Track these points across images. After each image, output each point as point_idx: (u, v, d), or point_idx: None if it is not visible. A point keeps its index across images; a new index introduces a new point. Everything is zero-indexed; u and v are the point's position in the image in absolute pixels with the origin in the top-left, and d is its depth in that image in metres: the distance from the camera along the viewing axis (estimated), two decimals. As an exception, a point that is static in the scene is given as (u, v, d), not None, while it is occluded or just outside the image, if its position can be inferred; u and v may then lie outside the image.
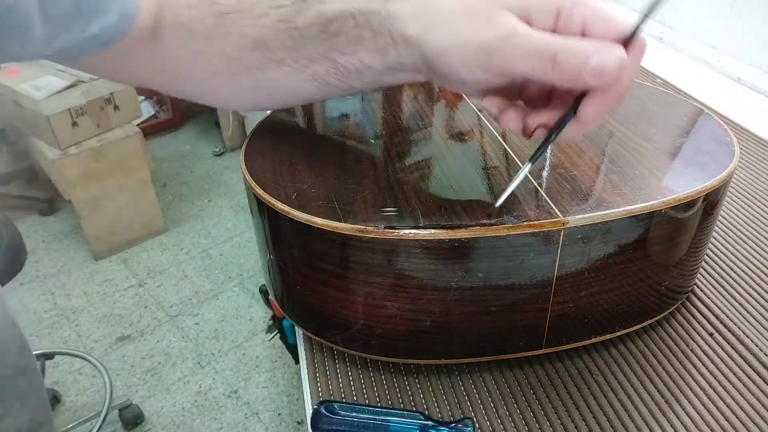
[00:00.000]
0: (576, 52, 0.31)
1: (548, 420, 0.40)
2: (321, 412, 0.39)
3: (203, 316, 1.69)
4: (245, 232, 2.00)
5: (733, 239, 0.56)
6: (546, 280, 0.39)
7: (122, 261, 1.90)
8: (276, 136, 0.47)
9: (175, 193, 2.22)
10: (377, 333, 0.41)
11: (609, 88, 0.32)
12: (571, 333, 0.43)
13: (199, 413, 1.43)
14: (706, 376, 0.43)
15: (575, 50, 0.31)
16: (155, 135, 2.53)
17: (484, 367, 0.44)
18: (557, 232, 0.37)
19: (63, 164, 1.66)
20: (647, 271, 0.42)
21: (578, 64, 0.31)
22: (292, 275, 0.43)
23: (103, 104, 1.70)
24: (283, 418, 1.42)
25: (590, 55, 0.30)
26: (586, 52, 0.31)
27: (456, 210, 0.38)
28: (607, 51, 0.30)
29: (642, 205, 0.38)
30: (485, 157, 0.44)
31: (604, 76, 0.31)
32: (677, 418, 0.40)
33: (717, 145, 0.45)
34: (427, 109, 0.52)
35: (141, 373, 1.53)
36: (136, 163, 1.81)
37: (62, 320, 1.69)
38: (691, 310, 0.49)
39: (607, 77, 0.31)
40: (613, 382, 0.43)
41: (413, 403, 0.42)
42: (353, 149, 0.45)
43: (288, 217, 0.38)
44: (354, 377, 0.44)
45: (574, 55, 0.31)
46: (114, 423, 1.41)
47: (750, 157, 0.69)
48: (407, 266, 0.38)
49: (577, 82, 0.31)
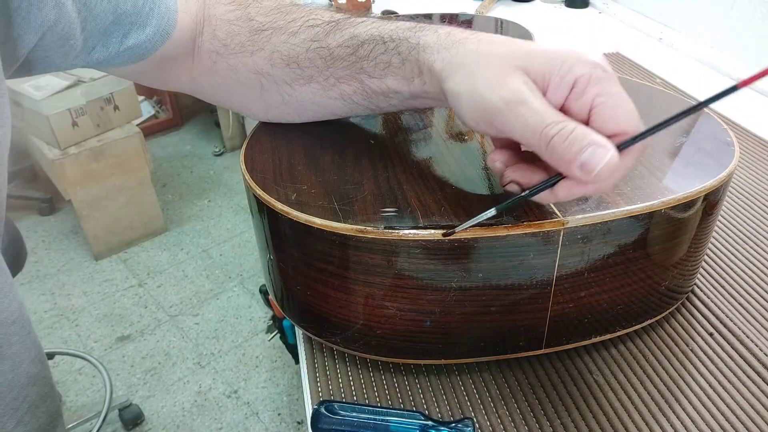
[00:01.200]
0: (571, 142, 0.30)
1: (548, 420, 0.40)
2: (321, 412, 0.39)
3: (203, 316, 1.69)
4: (245, 232, 2.00)
5: (733, 239, 0.56)
6: (546, 280, 0.39)
7: (122, 261, 1.90)
8: (276, 136, 0.47)
9: (175, 193, 2.22)
10: (377, 333, 0.41)
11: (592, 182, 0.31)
12: (571, 333, 0.43)
13: (199, 413, 1.43)
14: (706, 376, 0.43)
15: (571, 140, 0.30)
16: (155, 135, 2.53)
17: (484, 367, 0.44)
18: (557, 232, 0.37)
19: (63, 164, 1.66)
20: (647, 271, 0.42)
21: (570, 153, 0.30)
22: (292, 275, 0.43)
23: (103, 104, 1.70)
24: (283, 418, 1.42)
25: (583, 150, 0.29)
26: (581, 145, 0.30)
27: (456, 210, 0.38)
28: (600, 152, 0.29)
29: (642, 205, 0.38)
30: (485, 157, 0.44)
31: (590, 174, 0.30)
32: (677, 418, 0.40)
33: (717, 145, 0.45)
34: (427, 110, 0.52)
35: (141, 373, 1.53)
36: (136, 163, 1.81)
37: (62, 320, 1.69)
38: (691, 310, 0.49)
39: (593, 176, 0.30)
40: (613, 382, 0.43)
41: (413, 403, 0.42)
42: (353, 149, 0.45)
43: (288, 217, 0.38)
44: (354, 377, 0.44)
45: (569, 145, 0.30)
46: (114, 423, 1.41)
47: (750, 157, 0.69)
48: (407, 266, 0.38)
49: (564, 168, 0.31)
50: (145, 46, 0.41)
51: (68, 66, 0.39)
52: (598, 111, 0.31)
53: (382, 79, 0.40)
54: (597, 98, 0.31)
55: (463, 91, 0.34)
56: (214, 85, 0.47)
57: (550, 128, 0.30)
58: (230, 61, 0.44)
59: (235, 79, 0.45)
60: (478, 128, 0.35)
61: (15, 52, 0.34)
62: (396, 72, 0.39)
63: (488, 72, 0.33)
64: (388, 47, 0.39)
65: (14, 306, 0.34)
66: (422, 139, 0.47)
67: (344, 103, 0.43)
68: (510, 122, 0.32)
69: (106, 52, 0.40)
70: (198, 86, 0.47)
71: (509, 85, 0.32)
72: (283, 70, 0.43)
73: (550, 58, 0.32)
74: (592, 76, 0.31)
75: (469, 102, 0.34)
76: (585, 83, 0.31)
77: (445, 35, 0.37)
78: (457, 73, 0.34)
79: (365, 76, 0.40)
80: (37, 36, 0.34)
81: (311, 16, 0.43)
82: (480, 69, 0.33)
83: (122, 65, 0.42)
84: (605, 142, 0.30)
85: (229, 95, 0.48)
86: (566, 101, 0.32)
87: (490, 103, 0.32)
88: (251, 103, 0.47)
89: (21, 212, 2.11)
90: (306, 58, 0.42)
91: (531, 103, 0.31)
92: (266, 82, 0.44)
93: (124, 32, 0.40)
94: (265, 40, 0.43)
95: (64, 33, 0.35)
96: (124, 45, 0.40)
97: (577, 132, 0.30)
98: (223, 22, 0.44)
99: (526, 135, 0.31)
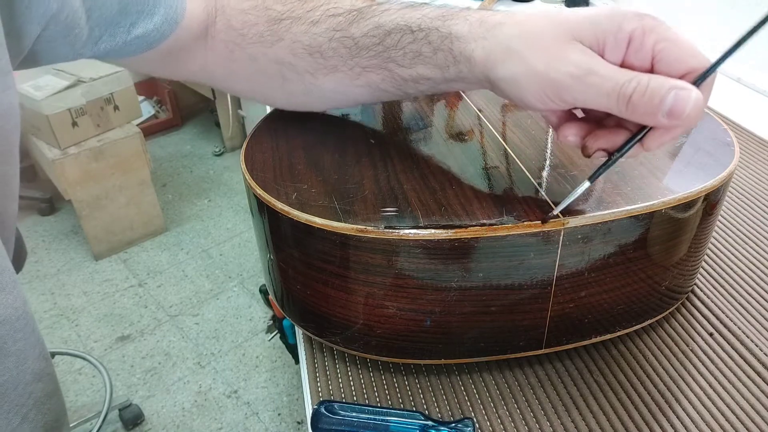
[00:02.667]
0: (651, 94, 0.30)
1: (548, 420, 0.40)
2: (321, 412, 0.39)
3: (203, 316, 1.69)
4: (245, 232, 2.00)
5: (733, 239, 0.56)
6: (546, 280, 0.39)
7: (122, 261, 1.90)
8: (276, 136, 0.47)
9: (175, 193, 2.22)
10: (377, 333, 0.41)
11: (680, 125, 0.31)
12: (571, 333, 0.43)
13: (199, 413, 1.43)
14: (706, 376, 0.43)
15: (651, 92, 0.30)
16: (155, 135, 2.53)
17: (484, 367, 0.44)
18: (557, 232, 0.37)
19: (63, 164, 1.66)
20: (647, 271, 0.42)
21: (653, 105, 0.30)
22: (292, 275, 0.43)
23: (103, 104, 1.70)
24: (283, 418, 1.42)
25: (666, 98, 0.30)
26: (662, 94, 0.30)
27: (456, 210, 0.38)
28: (683, 94, 0.30)
29: (642, 205, 0.38)
30: (485, 156, 0.44)
31: (680, 118, 0.30)
32: (677, 418, 0.40)
33: (717, 145, 0.45)
34: (427, 109, 0.52)
35: (141, 373, 1.53)
36: (136, 163, 1.81)
37: (62, 320, 1.69)
38: (691, 310, 0.49)
39: (681, 119, 0.30)
40: (613, 382, 0.43)
41: (413, 403, 0.42)
42: (353, 149, 0.45)
43: (288, 217, 0.38)
44: (354, 377, 0.44)
45: (650, 98, 0.30)
46: (114, 423, 1.41)
47: (750, 157, 0.69)
48: (407, 266, 0.38)
49: (650, 121, 0.31)
50: (153, 36, 0.41)
51: (74, 56, 0.39)
52: (662, 57, 0.31)
53: (413, 67, 0.39)
54: (657, 45, 0.31)
55: (520, 75, 0.34)
56: (231, 74, 0.46)
57: (625, 87, 0.30)
58: (249, 51, 0.44)
59: (255, 68, 0.44)
60: (545, 107, 0.35)
61: (19, 43, 0.34)
62: (427, 61, 0.38)
63: (542, 51, 0.33)
64: (417, 37, 0.38)
65: (19, 302, 0.34)
66: (422, 139, 0.47)
67: (371, 91, 0.42)
68: (583, 94, 0.32)
69: (113, 42, 0.39)
70: (211, 75, 0.47)
71: (571, 59, 0.32)
72: (306, 60, 0.43)
73: (598, 21, 0.32)
74: (645, 26, 0.31)
75: (531, 85, 0.33)
76: (641, 35, 0.31)
77: (477, 23, 0.36)
78: (506, 60, 0.34)
79: (394, 65, 0.40)
80: (41, 26, 0.34)
81: (331, 4, 0.42)
82: (532, 51, 0.33)
83: (130, 55, 0.42)
84: (684, 84, 0.30)
85: (248, 84, 0.47)
86: (625, 57, 0.32)
87: (556, 81, 0.32)
88: (272, 92, 0.47)
89: (21, 212, 2.10)
90: (329, 48, 0.41)
91: (599, 70, 0.31)
92: (288, 72, 0.44)
93: (132, 21, 0.39)
94: (284, 30, 0.42)
95: (68, 22, 0.35)
96: (132, 34, 0.40)
97: (654, 82, 0.30)
98: (238, 11, 0.44)
99: (602, 101, 0.31)
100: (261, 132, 0.48)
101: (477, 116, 0.50)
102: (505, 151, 0.45)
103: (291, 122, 0.49)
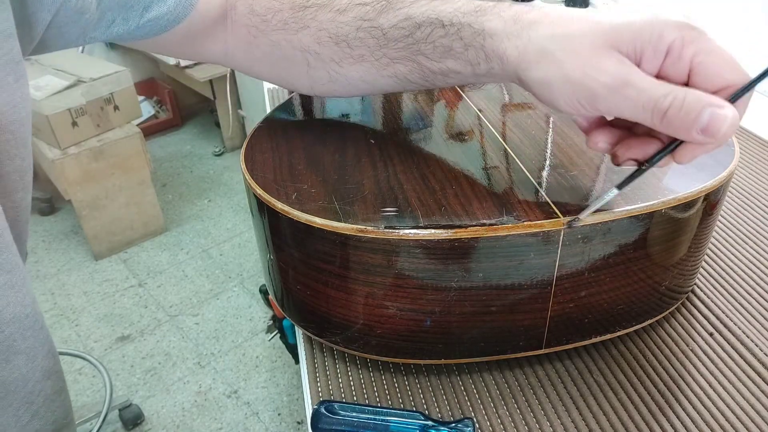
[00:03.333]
0: (687, 110, 0.29)
1: (548, 420, 0.40)
2: (321, 412, 0.39)
3: (203, 316, 1.69)
4: (245, 232, 2.00)
5: (733, 239, 0.56)
6: (546, 280, 0.39)
7: (122, 261, 1.90)
8: (276, 136, 0.47)
9: (175, 193, 2.22)
10: (377, 333, 0.41)
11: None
12: (571, 333, 0.43)
13: (199, 413, 1.43)
14: (706, 376, 0.43)
15: (687, 108, 0.29)
16: (155, 135, 2.53)
17: (484, 367, 0.44)
18: (557, 232, 0.37)
19: (63, 164, 1.66)
20: (647, 271, 0.42)
21: (689, 121, 0.29)
22: (292, 275, 0.43)
23: (103, 104, 1.70)
24: (283, 418, 1.42)
25: (701, 115, 0.29)
26: (698, 110, 0.29)
27: (456, 210, 0.38)
28: (720, 113, 0.29)
29: (642, 204, 0.38)
30: (485, 156, 0.44)
31: (714, 137, 0.29)
32: (677, 418, 0.40)
33: (717, 145, 0.45)
34: (427, 109, 0.52)
35: (141, 373, 1.53)
36: (136, 163, 1.81)
37: (62, 320, 1.69)
38: (691, 310, 0.49)
39: (716, 137, 0.29)
40: (613, 382, 0.43)
41: (413, 403, 0.42)
42: (353, 149, 0.45)
43: (288, 217, 0.38)
44: (354, 377, 0.44)
45: (686, 113, 0.29)
46: (114, 423, 1.41)
47: (750, 157, 0.69)
48: (407, 266, 0.38)
49: (684, 136, 0.31)
50: (167, 18, 0.40)
51: (85, 41, 0.38)
52: (700, 70, 0.31)
53: (443, 62, 0.38)
54: (695, 58, 0.30)
55: (554, 80, 0.33)
56: (253, 59, 0.46)
57: (661, 102, 0.30)
58: (272, 37, 0.43)
59: (279, 54, 0.44)
60: (577, 113, 0.34)
61: (31, 32, 0.34)
62: (458, 56, 0.37)
63: (578, 57, 0.32)
64: (449, 31, 0.37)
65: (28, 300, 0.34)
66: (423, 139, 0.47)
67: (397, 81, 0.42)
68: (617, 105, 0.31)
69: (126, 26, 0.39)
70: (233, 59, 0.46)
71: (607, 69, 0.31)
72: (332, 49, 0.42)
73: (638, 30, 0.31)
74: (685, 37, 0.30)
75: (564, 90, 0.33)
76: (680, 47, 0.30)
77: (511, 20, 0.35)
78: (540, 61, 0.33)
79: (423, 58, 0.39)
80: (51, 13, 0.34)
81: None
82: (567, 55, 0.32)
83: (144, 38, 0.41)
84: (721, 102, 0.29)
85: (271, 69, 0.46)
86: (662, 67, 0.31)
87: (590, 90, 0.31)
88: (296, 79, 0.46)
89: (21, 212, 2.10)
90: (356, 37, 0.41)
91: (636, 83, 0.30)
92: (313, 59, 0.43)
93: (145, 5, 0.39)
94: (310, 18, 0.42)
95: (79, 7, 0.35)
96: (145, 18, 0.40)
97: (690, 97, 0.29)
98: None
99: (638, 113, 0.31)
100: (261, 132, 0.48)
101: (477, 116, 0.50)
102: (505, 151, 0.45)
103: (291, 122, 0.49)
